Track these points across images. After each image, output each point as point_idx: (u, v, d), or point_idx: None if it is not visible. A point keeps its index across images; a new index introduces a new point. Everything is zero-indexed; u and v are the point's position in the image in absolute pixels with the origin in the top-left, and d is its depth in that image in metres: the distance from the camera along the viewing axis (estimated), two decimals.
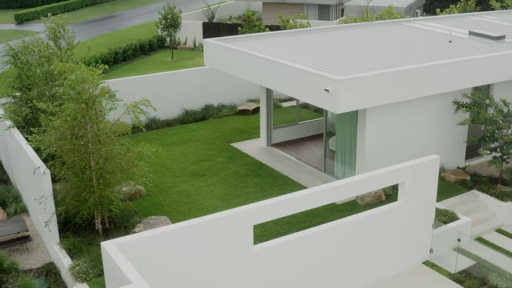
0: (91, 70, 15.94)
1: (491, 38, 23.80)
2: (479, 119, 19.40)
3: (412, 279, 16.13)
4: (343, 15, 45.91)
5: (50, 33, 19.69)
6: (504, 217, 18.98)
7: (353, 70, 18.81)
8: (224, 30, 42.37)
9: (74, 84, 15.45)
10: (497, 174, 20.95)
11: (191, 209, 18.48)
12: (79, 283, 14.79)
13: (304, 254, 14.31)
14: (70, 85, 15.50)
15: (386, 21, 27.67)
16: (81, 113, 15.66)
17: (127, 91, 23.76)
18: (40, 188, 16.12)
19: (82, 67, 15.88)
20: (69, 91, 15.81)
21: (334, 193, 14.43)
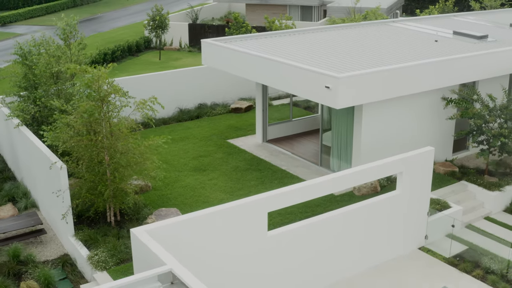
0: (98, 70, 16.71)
1: (475, 37, 25.05)
2: (468, 113, 20.57)
3: (411, 263, 17.18)
4: (325, 16, 47.04)
5: (62, 33, 20.34)
6: (492, 206, 20.14)
7: (349, 68, 19.84)
8: (210, 31, 43.20)
9: (90, 82, 16.21)
10: (483, 166, 22.13)
11: (197, 202, 19.31)
12: (99, 271, 15.53)
13: (314, 239, 15.26)
14: (86, 84, 16.25)
15: (373, 22, 28.81)
16: (97, 110, 16.42)
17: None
18: (56, 183, 16.81)
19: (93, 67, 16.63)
20: (85, 90, 16.56)
21: (341, 181, 15.43)
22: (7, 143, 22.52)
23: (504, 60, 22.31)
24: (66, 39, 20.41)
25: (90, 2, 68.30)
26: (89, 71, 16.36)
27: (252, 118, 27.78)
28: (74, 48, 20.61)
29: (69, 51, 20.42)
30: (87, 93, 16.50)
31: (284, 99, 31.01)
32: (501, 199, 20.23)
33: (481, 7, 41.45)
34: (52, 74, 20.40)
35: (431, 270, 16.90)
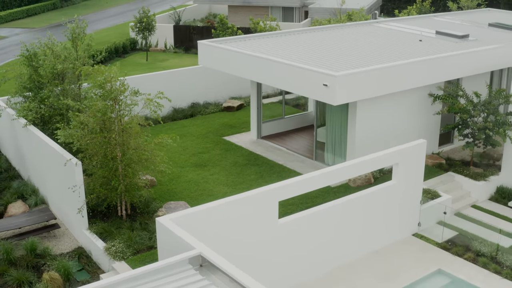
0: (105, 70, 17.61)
1: (457, 37, 26.40)
2: (454, 108, 21.85)
3: (406, 248, 18.36)
4: (306, 17, 48.24)
5: (71, 34, 21.13)
6: (478, 195, 21.44)
7: (343, 67, 20.98)
8: (195, 32, 44.08)
9: (103, 83, 17.08)
10: (468, 158, 23.45)
11: (202, 195, 20.26)
12: (117, 261, 16.39)
13: (320, 226, 16.34)
14: (99, 84, 17.12)
15: (359, 23, 30.04)
16: (110, 109, 17.29)
17: None
18: (71, 179, 17.60)
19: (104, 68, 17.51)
20: (98, 90, 17.42)
21: (346, 172, 16.59)
22: (12, 143, 23.16)
23: (485, 59, 23.67)
24: (74, 40, 21.17)
25: (70, 4, 68.59)
26: (103, 71, 17.21)
27: (244, 116, 28.80)
28: (81, 50, 21.38)
29: (75, 52, 21.17)
30: (101, 92, 17.34)
31: (273, 98, 32.05)
32: (486, 188, 21.55)
33: (458, 7, 42.98)
34: (57, 75, 21.18)
35: (426, 254, 18.09)
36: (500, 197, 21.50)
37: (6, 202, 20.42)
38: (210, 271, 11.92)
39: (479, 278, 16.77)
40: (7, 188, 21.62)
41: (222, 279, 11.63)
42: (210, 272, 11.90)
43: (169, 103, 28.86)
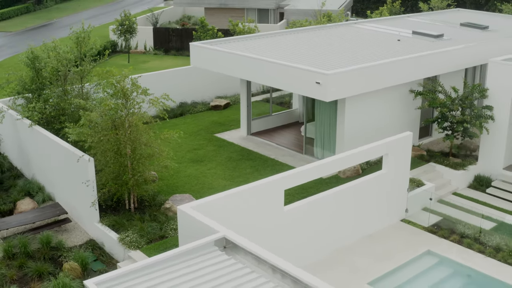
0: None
1: (432, 36, 28.08)
2: (435, 103, 23.46)
3: (396, 232, 19.85)
4: (282, 18, 49.67)
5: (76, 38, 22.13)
6: (458, 183, 23.08)
7: (332, 66, 22.38)
8: (174, 34, 45.12)
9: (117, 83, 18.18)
10: (446, 149, 25.09)
11: (203, 188, 21.45)
12: (132, 250, 17.48)
13: (321, 212, 17.71)
14: (112, 84, 18.21)
15: (338, 24, 31.57)
16: (120, 108, 18.38)
17: None
18: (83, 174, 18.62)
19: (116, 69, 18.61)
20: (109, 90, 18.51)
21: (342, 162, 17.99)
22: (15, 143, 23.94)
23: (461, 57, 25.38)
24: (80, 43, 22.15)
25: (42, 8, 68.79)
26: (115, 73, 18.30)
27: (232, 114, 30.04)
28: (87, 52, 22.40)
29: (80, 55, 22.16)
30: (112, 91, 18.43)
31: (257, 96, 33.33)
32: (465, 177, 23.20)
33: (429, 7, 44.89)
34: (60, 76, 22.16)
35: (415, 237, 19.60)
36: (478, 184, 23.16)
37: (15, 200, 21.28)
38: (234, 252, 13.16)
39: (464, 257, 18.32)
40: (13, 187, 22.47)
41: (246, 258, 12.87)
42: (234, 253, 13.13)
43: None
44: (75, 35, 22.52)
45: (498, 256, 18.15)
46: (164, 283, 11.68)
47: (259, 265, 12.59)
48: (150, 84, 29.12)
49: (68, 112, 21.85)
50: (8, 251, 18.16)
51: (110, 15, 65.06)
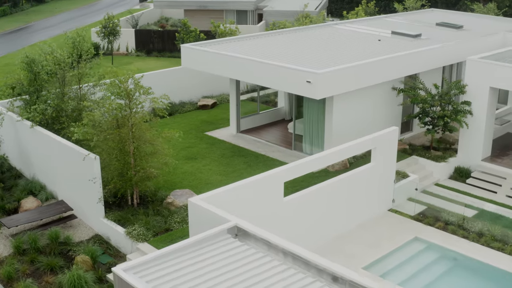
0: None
1: (411, 36, 29.48)
2: (417, 99, 24.81)
3: (385, 221, 21.10)
4: (260, 19, 50.82)
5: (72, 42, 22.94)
6: (439, 174, 24.45)
7: (320, 65, 23.56)
8: (156, 36, 45.94)
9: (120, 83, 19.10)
10: (427, 143, 26.47)
11: (201, 184, 22.45)
12: (140, 242, 18.42)
13: (317, 202, 18.87)
14: (116, 84, 19.13)
15: (320, 25, 32.82)
16: (124, 108, 19.30)
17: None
18: (89, 172, 19.49)
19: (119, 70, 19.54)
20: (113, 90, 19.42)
21: (335, 156, 19.16)
22: (14, 144, 24.59)
23: (439, 55, 26.80)
24: (76, 47, 22.97)
25: (19, 11, 68.87)
26: (119, 73, 19.23)
27: (219, 113, 31.09)
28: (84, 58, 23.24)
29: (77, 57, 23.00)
30: (116, 92, 19.36)
31: (242, 96, 34.36)
32: (446, 168, 24.59)
33: (404, 8, 46.44)
34: (57, 78, 22.98)
35: (403, 225, 20.88)
36: (458, 175, 24.57)
37: (18, 198, 22.01)
38: (246, 239, 14.22)
39: (450, 242, 19.64)
40: (15, 186, 23.18)
41: (257, 244, 13.94)
42: (245, 239, 14.19)
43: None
44: (71, 39, 23.27)
45: (481, 240, 19.51)
46: (188, 267, 12.69)
47: (269, 250, 13.67)
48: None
49: (68, 113, 22.66)
50: (18, 247, 18.94)
51: (87, 17, 65.51)
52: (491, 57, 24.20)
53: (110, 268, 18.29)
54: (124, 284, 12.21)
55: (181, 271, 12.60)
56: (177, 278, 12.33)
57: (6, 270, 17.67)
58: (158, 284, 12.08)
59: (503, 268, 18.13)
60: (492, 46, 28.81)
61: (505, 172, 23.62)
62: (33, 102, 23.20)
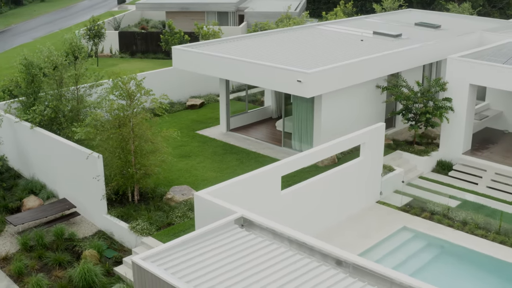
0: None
1: (392, 36, 30.70)
2: (401, 97, 26.01)
3: (374, 212, 22.22)
4: (241, 21, 51.76)
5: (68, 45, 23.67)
6: (423, 168, 25.67)
7: (309, 65, 24.62)
8: (139, 38, 46.61)
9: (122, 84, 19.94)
10: (410, 138, 27.70)
11: (197, 180, 23.34)
12: (144, 236, 19.26)
13: (311, 195, 19.90)
14: (117, 86, 19.96)
15: (304, 26, 33.90)
16: (125, 108, 20.13)
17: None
18: (92, 170, 20.27)
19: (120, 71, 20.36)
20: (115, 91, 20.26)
21: (329, 151, 20.22)
22: (12, 146, 25.17)
23: (420, 54, 28.05)
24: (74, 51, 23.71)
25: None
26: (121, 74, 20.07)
27: (208, 112, 32.01)
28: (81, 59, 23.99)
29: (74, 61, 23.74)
30: (118, 93, 20.19)
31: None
32: (429, 162, 25.81)
33: (382, 8, 47.76)
34: (55, 79, 23.70)
35: (391, 216, 22.02)
36: (440, 168, 25.82)
37: (20, 198, 22.68)
38: (251, 228, 15.17)
39: (436, 231, 20.82)
40: (15, 186, 23.83)
41: (262, 233, 14.90)
42: (251, 229, 15.14)
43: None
44: (69, 41, 24.00)
45: (466, 228, 20.72)
46: (202, 255, 13.60)
47: (275, 238, 14.64)
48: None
49: (66, 114, 23.39)
50: (25, 244, 19.65)
51: (66, 20, 65.75)
52: (470, 55, 25.49)
53: (116, 262, 19.15)
54: (143, 271, 13.08)
55: (196, 259, 13.50)
56: (193, 265, 13.23)
57: (16, 266, 18.38)
58: (176, 271, 12.96)
59: (487, 253, 19.37)
60: (469, 45, 30.19)
61: (485, 164, 24.93)
62: (31, 103, 23.87)
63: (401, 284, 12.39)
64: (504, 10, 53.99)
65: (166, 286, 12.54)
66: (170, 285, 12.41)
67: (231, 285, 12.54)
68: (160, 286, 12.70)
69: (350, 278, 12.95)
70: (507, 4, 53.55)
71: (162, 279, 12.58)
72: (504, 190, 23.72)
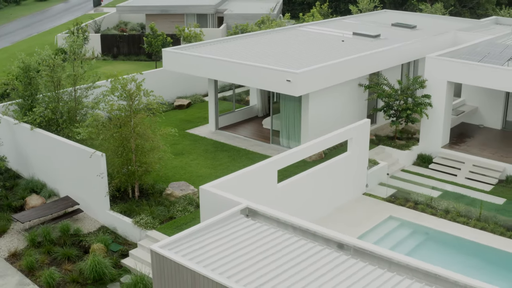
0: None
1: (371, 36, 32.15)
2: (383, 94, 27.43)
3: (361, 203, 23.56)
4: (220, 22, 52.87)
5: (69, 48, 24.56)
6: (405, 161, 27.12)
7: (297, 65, 25.88)
8: (121, 40, 47.42)
9: (123, 85, 20.96)
10: (391, 134, 29.15)
11: (192, 176, 24.43)
12: (149, 230, 20.30)
13: (304, 188, 21.15)
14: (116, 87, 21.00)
15: (285, 27, 35.19)
16: (126, 108, 21.15)
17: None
18: (96, 168, 21.23)
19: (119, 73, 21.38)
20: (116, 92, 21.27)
21: (318, 146, 21.48)
22: (11, 147, 25.90)
23: (400, 54, 29.54)
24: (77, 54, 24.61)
25: None
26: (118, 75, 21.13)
27: (196, 112, 33.10)
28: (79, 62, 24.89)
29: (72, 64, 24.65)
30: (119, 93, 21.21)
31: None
32: (410, 156, 27.28)
33: (358, 9, 49.31)
34: (53, 82, 24.58)
35: (377, 206, 23.38)
36: (421, 162, 27.30)
37: (22, 197, 23.50)
38: (256, 218, 16.34)
39: (421, 219, 22.24)
40: (16, 186, 24.62)
41: (267, 221, 16.07)
42: (256, 219, 16.31)
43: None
44: (70, 43, 24.90)
45: (448, 216, 22.17)
46: (214, 242, 14.72)
47: (279, 226, 15.83)
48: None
49: (64, 115, 24.28)
50: (33, 240, 20.52)
51: (44, 23, 66.08)
52: (447, 54, 27.03)
53: (121, 255, 20.14)
54: (162, 258, 14.15)
55: (209, 246, 14.61)
56: (207, 252, 14.34)
57: (27, 261, 19.25)
58: (193, 257, 14.07)
59: (469, 239, 20.83)
60: (445, 44, 31.81)
61: (463, 157, 26.47)
62: (28, 105, 24.69)
63: (399, 263, 13.69)
64: (474, 9, 56.14)
65: (185, 270, 13.64)
66: (189, 270, 13.51)
67: (244, 268, 13.68)
68: (179, 271, 13.79)
69: (352, 260, 14.21)
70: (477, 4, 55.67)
71: (181, 264, 13.66)
72: (481, 181, 25.27)
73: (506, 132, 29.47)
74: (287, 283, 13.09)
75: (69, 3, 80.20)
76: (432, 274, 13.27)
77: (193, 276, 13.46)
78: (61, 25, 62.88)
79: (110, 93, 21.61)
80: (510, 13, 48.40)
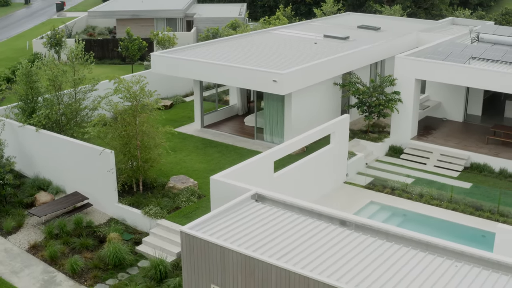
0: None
1: (341, 38, 34.76)
2: (357, 92, 30.04)
3: (343, 191, 26.06)
4: (189, 26, 54.82)
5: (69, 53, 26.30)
6: (379, 153, 29.78)
7: (280, 66, 28.22)
8: (95, 44, 48.90)
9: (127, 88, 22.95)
10: (364, 128, 31.79)
11: (188, 171, 26.49)
12: (159, 219, 22.31)
13: (297, 176, 23.50)
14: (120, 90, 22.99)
15: (259, 31, 37.56)
16: (131, 109, 23.13)
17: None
18: (105, 165, 23.11)
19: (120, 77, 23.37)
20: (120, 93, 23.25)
21: (308, 139, 23.90)
22: (14, 148, 27.33)
23: (370, 54, 32.24)
24: (78, 58, 26.35)
25: None
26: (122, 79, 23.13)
27: (179, 112, 35.13)
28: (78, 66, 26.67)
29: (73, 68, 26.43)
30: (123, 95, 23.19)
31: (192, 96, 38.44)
32: (383, 147, 29.96)
33: (322, 13, 51.95)
34: (54, 86, 26.29)
35: (358, 193, 25.91)
36: (393, 152, 30.01)
37: (31, 194, 25.13)
38: (265, 202, 18.59)
39: (398, 203, 24.86)
40: (22, 184, 26.22)
41: (274, 205, 18.34)
42: (265, 203, 18.57)
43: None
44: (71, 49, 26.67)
45: (422, 200, 24.86)
46: (234, 223, 16.91)
47: (286, 208, 18.13)
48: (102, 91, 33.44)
49: (67, 116, 26.03)
50: (50, 232, 22.28)
51: (10, 29, 66.70)
52: (414, 54, 29.83)
53: (134, 243, 22.09)
54: (192, 238, 16.24)
55: (230, 227, 16.79)
56: (229, 232, 16.52)
57: (51, 251, 21.03)
58: (219, 236, 16.24)
59: (442, 218, 23.56)
60: (409, 44, 34.72)
61: (431, 147, 29.30)
62: (31, 109, 26.33)
63: (395, 234, 16.18)
64: (429, 10, 59.63)
65: (214, 247, 15.78)
66: (218, 246, 15.66)
67: (265, 244, 15.92)
68: (209, 248, 15.92)
69: (355, 233, 16.64)
70: (431, 5, 59.15)
71: (211, 242, 15.80)
72: (448, 168, 28.12)
73: (467, 124, 32.53)
74: (305, 253, 15.42)
75: (31, 8, 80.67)
76: (424, 242, 15.84)
77: (222, 251, 15.61)
78: (29, 30, 63.70)
79: (114, 93, 23.50)
80: (465, 14, 51.96)
